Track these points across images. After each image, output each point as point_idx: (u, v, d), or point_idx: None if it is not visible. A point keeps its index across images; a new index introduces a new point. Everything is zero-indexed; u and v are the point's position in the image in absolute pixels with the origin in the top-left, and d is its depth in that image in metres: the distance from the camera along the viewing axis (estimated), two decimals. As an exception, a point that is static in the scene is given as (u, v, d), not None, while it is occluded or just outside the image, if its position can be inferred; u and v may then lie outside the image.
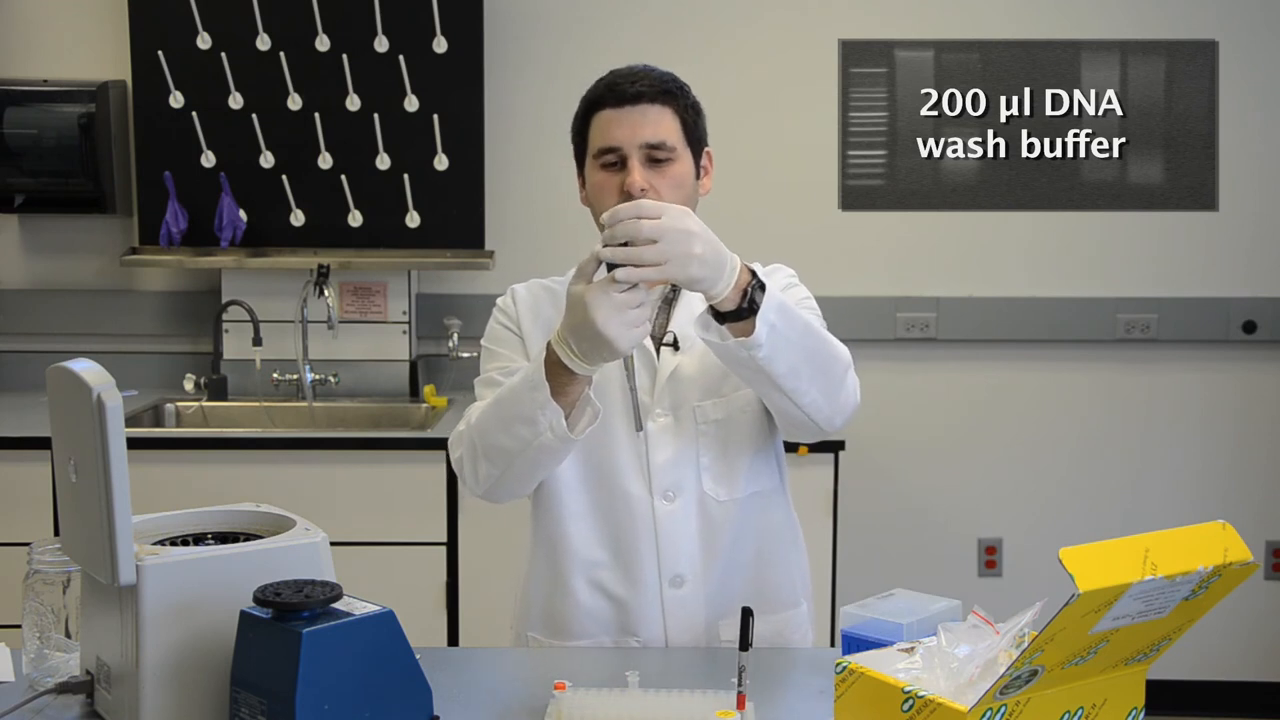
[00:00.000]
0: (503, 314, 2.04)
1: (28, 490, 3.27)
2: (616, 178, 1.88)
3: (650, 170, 1.87)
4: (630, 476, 1.94)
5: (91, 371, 1.48)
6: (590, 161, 1.93)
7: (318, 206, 3.74)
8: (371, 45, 3.67)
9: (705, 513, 1.96)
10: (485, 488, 1.90)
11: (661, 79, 1.92)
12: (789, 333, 1.73)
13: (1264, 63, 3.85)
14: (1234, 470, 3.96)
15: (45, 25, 3.80)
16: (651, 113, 1.89)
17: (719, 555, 1.96)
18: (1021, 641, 1.34)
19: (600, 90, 1.93)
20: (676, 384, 1.95)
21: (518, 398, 1.79)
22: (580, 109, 1.96)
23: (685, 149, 1.91)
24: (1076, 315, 3.89)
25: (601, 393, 1.90)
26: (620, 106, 1.89)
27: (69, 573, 1.68)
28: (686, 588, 1.95)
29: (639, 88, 1.89)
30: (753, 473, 1.98)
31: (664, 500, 1.94)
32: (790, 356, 1.74)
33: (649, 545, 1.94)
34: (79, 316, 3.88)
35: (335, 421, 3.75)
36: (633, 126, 1.88)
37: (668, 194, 1.86)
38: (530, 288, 2.06)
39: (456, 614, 3.36)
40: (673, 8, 3.82)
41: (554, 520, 1.98)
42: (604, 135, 1.90)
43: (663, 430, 1.94)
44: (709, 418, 1.95)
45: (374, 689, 1.44)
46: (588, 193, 1.96)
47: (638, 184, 1.85)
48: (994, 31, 3.82)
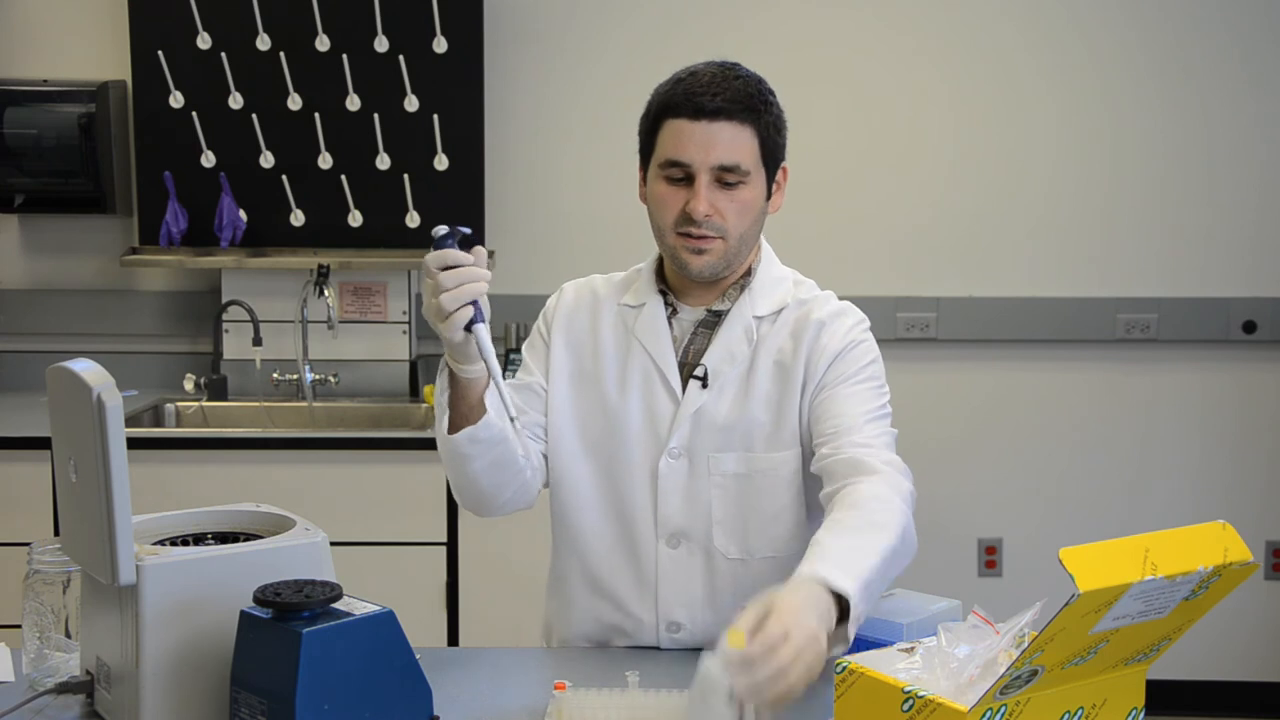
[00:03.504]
0: (542, 318, 1.97)
1: (28, 490, 3.27)
2: (681, 194, 1.79)
3: (717, 192, 1.78)
4: (640, 515, 1.87)
5: (91, 371, 1.48)
6: (655, 169, 1.82)
7: (318, 206, 3.74)
8: (371, 45, 3.67)
9: (712, 566, 1.86)
10: (468, 504, 1.89)
11: (745, 92, 1.78)
12: (879, 588, 1.57)
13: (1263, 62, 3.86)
14: (1234, 470, 3.96)
15: (45, 25, 3.80)
16: (729, 131, 1.76)
17: (723, 610, 1.83)
18: (1021, 641, 1.34)
19: (678, 97, 1.78)
20: (698, 426, 1.84)
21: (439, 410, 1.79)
22: (653, 108, 1.83)
23: (759, 170, 1.80)
24: (1076, 315, 3.89)
25: (621, 420, 1.86)
26: (697, 120, 1.76)
27: (69, 573, 1.68)
28: (683, 634, 1.88)
29: (720, 102, 1.75)
30: (773, 536, 1.85)
31: (668, 546, 1.87)
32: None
33: (648, 590, 1.88)
34: (79, 316, 3.88)
35: (335, 421, 3.75)
36: (706, 146, 1.76)
37: (734, 218, 1.79)
38: (578, 289, 1.97)
39: (456, 614, 3.36)
40: (673, 7, 3.82)
41: (569, 543, 1.93)
42: (674, 147, 1.78)
43: (674, 472, 1.85)
44: (725, 471, 1.84)
45: (374, 689, 1.44)
46: (648, 198, 1.86)
47: (702, 209, 1.77)
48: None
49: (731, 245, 1.82)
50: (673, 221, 1.81)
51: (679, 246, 1.82)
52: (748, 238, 1.84)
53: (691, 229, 1.79)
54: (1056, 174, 3.87)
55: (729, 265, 1.85)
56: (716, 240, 1.80)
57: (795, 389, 1.85)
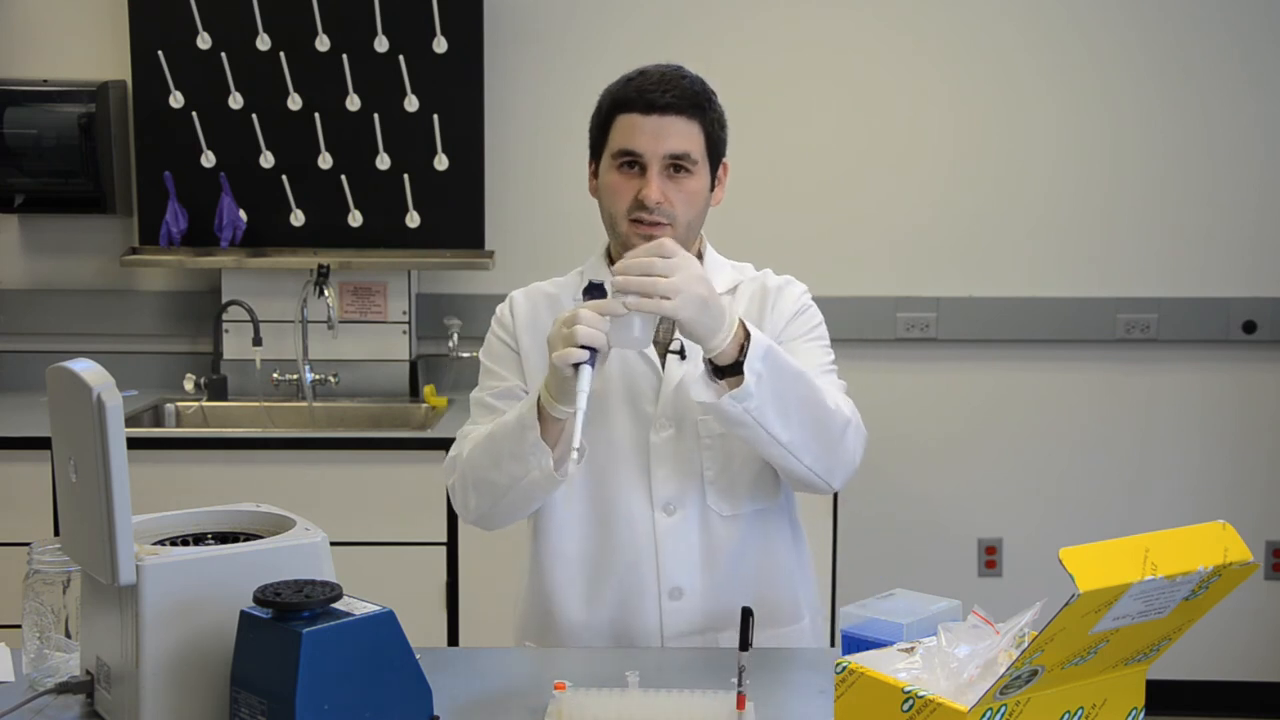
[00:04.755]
0: (500, 327, 2.02)
1: (28, 490, 3.27)
2: (633, 182, 1.88)
3: (667, 181, 1.87)
4: (631, 489, 1.93)
5: (91, 371, 1.48)
6: (608, 159, 1.91)
7: (318, 206, 3.74)
8: (371, 45, 3.67)
9: (707, 527, 1.94)
10: (475, 517, 1.94)
11: (693, 90, 1.89)
12: (777, 382, 1.74)
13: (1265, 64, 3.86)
14: (1234, 470, 3.96)
15: (45, 25, 3.80)
16: (678, 125, 1.87)
17: (720, 569, 1.94)
18: (1021, 641, 1.34)
19: (630, 93, 1.89)
20: (681, 395, 1.92)
21: (509, 435, 1.81)
22: (605, 104, 1.93)
23: (705, 162, 1.90)
24: (1076, 315, 3.89)
25: (604, 404, 1.91)
26: (648, 114, 1.86)
27: (69, 573, 1.68)
28: (685, 600, 1.94)
29: (669, 98, 1.86)
30: (758, 488, 1.96)
31: (664, 514, 1.93)
32: (782, 405, 1.75)
33: (649, 557, 1.93)
34: (79, 316, 3.88)
35: (335, 421, 3.75)
36: (658, 137, 1.86)
37: (682, 206, 1.88)
38: (530, 295, 2.04)
39: (456, 614, 3.36)
40: (673, 8, 3.82)
41: (553, 530, 1.98)
42: (627, 139, 1.88)
43: (665, 443, 1.93)
44: (713, 431, 1.92)
45: (374, 689, 1.44)
46: (599, 188, 1.95)
47: (653, 196, 1.86)
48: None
49: (680, 232, 1.90)
50: (625, 209, 1.89)
51: (631, 233, 1.89)
52: (694, 225, 1.94)
53: (644, 214, 1.88)
54: (1056, 174, 3.87)
55: None
56: (666, 227, 1.88)
57: None
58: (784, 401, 1.76)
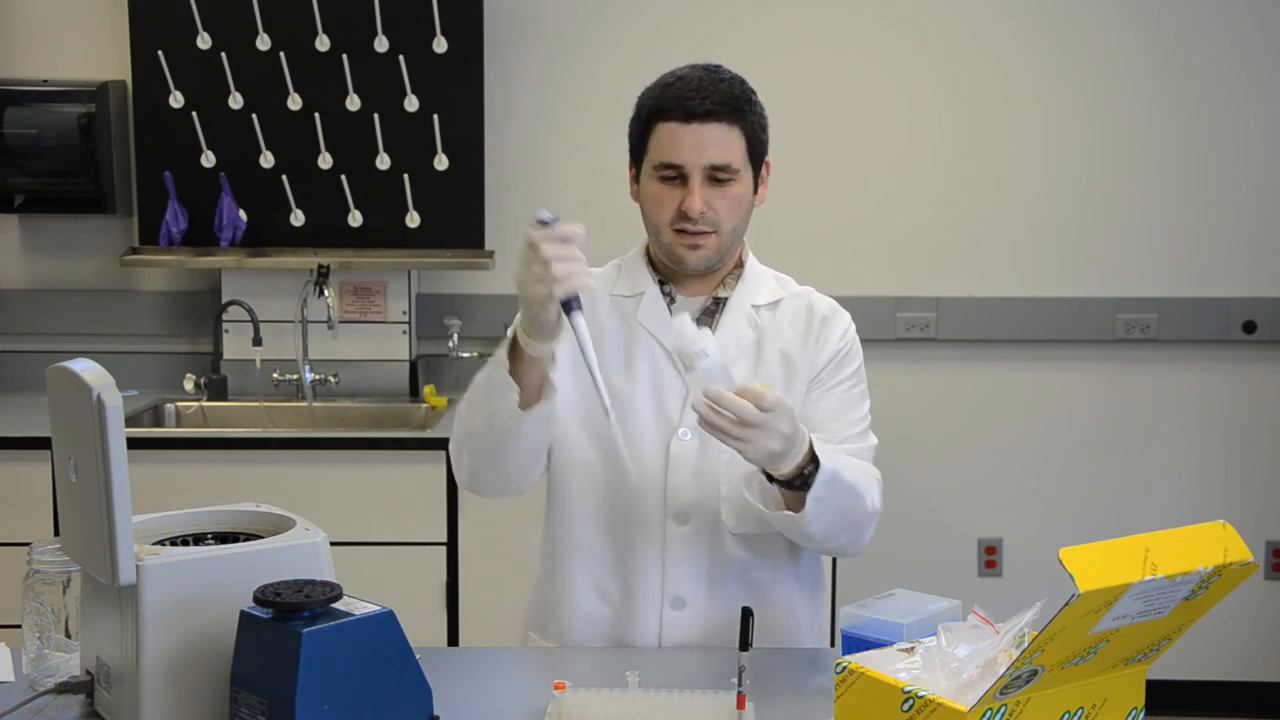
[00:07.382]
0: None
1: (28, 490, 3.27)
2: (676, 193, 1.87)
3: (710, 189, 1.86)
4: (647, 492, 1.92)
5: (91, 371, 1.48)
6: (649, 169, 1.89)
7: (318, 206, 3.74)
8: (371, 45, 3.67)
9: (718, 541, 1.92)
10: (467, 477, 1.92)
11: (732, 94, 1.87)
12: (833, 501, 1.77)
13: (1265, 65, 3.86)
14: (1234, 470, 3.96)
15: (45, 25, 3.80)
16: (719, 132, 1.85)
17: (725, 584, 1.93)
18: (1021, 641, 1.34)
19: (668, 100, 1.86)
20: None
21: (485, 377, 1.82)
22: (643, 112, 1.90)
23: (747, 167, 1.89)
24: (1076, 315, 3.89)
25: (631, 403, 1.91)
26: (688, 123, 1.84)
27: (69, 573, 1.68)
28: (687, 610, 1.93)
29: (709, 104, 1.84)
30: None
31: (676, 522, 1.92)
32: (829, 520, 1.79)
33: (655, 564, 1.92)
34: (79, 316, 3.88)
35: (335, 421, 3.75)
36: (698, 147, 1.84)
37: (725, 213, 1.88)
38: None
39: (456, 614, 3.36)
40: (673, 7, 3.82)
41: (566, 522, 1.97)
42: (668, 150, 1.85)
43: (685, 452, 1.91)
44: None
45: (374, 689, 1.44)
46: (641, 195, 1.93)
47: (697, 206, 1.85)
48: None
49: (724, 239, 1.90)
50: (669, 220, 1.89)
51: (676, 243, 1.90)
52: (739, 230, 1.93)
53: (687, 225, 1.87)
54: (1056, 174, 3.87)
55: (722, 258, 1.95)
56: (711, 235, 1.89)
57: (799, 377, 1.96)
58: (833, 516, 1.79)
